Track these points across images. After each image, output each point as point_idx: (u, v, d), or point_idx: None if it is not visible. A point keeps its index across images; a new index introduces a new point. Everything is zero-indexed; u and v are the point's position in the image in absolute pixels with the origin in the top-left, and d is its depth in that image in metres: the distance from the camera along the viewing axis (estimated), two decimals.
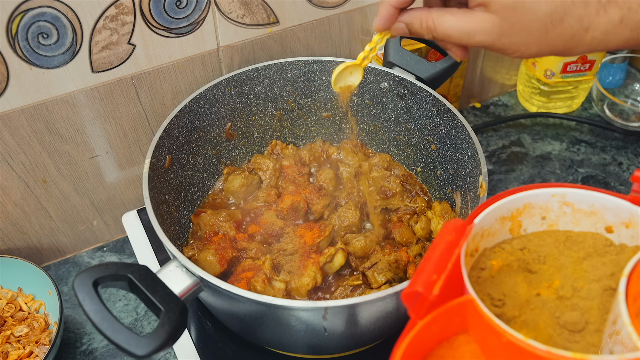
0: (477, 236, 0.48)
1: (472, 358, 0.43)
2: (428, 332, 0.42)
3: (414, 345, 0.42)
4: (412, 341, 0.41)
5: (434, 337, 0.44)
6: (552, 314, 0.44)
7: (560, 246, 0.49)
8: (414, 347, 0.42)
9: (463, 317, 0.43)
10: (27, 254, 0.83)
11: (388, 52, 0.78)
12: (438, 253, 0.43)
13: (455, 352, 0.43)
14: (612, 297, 0.43)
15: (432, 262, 0.42)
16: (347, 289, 0.69)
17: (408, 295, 0.42)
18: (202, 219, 0.75)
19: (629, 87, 1.11)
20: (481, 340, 0.43)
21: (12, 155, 0.72)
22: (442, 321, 0.42)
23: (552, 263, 0.47)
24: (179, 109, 0.72)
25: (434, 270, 0.42)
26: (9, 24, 0.62)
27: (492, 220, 0.48)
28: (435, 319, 0.42)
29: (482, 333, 0.42)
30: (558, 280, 0.46)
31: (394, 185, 0.77)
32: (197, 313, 0.75)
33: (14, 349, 0.72)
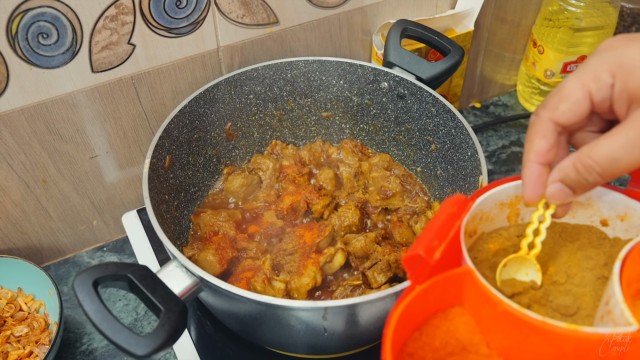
0: (477, 218, 0.48)
1: (466, 329, 0.43)
2: (425, 300, 0.43)
3: (410, 311, 0.42)
4: (408, 306, 0.42)
5: (430, 306, 0.44)
6: (546, 297, 0.44)
7: (556, 237, 0.49)
8: (410, 313, 0.42)
9: (459, 288, 0.43)
10: (27, 254, 0.83)
11: (388, 52, 0.78)
12: (439, 222, 0.44)
13: (450, 323, 0.44)
14: (604, 285, 0.44)
15: (433, 230, 0.43)
16: (347, 289, 0.69)
17: (409, 259, 0.43)
18: (202, 219, 0.75)
19: None
20: (476, 312, 0.43)
21: (12, 155, 0.72)
22: (439, 290, 0.43)
23: (548, 251, 0.47)
24: (179, 109, 0.72)
25: (435, 237, 0.42)
26: (9, 24, 0.62)
27: (491, 204, 0.49)
28: (432, 286, 0.42)
29: (477, 304, 0.42)
30: (552, 267, 0.46)
31: (394, 185, 0.77)
32: (197, 313, 0.75)
33: (14, 349, 0.72)
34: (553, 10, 0.95)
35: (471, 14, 0.93)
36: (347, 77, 0.82)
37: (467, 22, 0.94)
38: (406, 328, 0.43)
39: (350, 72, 0.81)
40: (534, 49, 1.02)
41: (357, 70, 0.80)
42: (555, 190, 0.42)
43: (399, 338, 0.43)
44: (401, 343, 0.44)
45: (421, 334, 0.44)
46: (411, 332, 0.44)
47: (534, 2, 1.00)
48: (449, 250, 0.43)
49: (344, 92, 0.83)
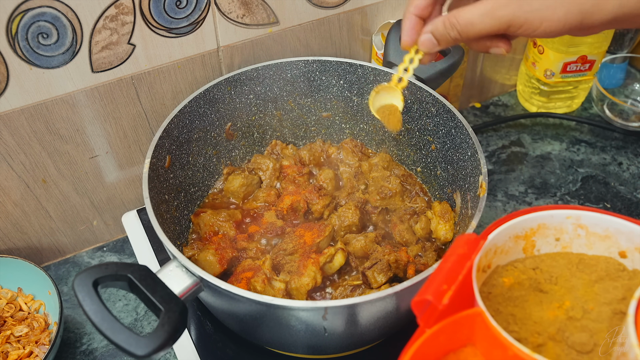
0: (490, 253, 0.48)
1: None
2: (436, 341, 0.43)
3: (421, 353, 0.42)
4: (419, 349, 0.42)
5: (441, 347, 0.44)
6: (561, 334, 0.44)
7: (573, 268, 0.49)
8: (420, 356, 0.42)
9: (471, 329, 0.43)
10: (27, 254, 0.83)
11: (388, 52, 0.78)
12: (449, 264, 0.44)
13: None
14: (621, 321, 0.43)
15: (443, 272, 0.43)
16: (347, 289, 0.69)
17: (418, 303, 0.43)
18: (202, 219, 0.75)
19: (629, 87, 1.11)
20: (488, 354, 0.43)
21: (12, 155, 0.72)
22: (450, 332, 0.43)
23: (564, 284, 0.47)
24: (179, 109, 0.72)
25: (444, 280, 0.42)
26: (9, 24, 0.62)
27: (505, 238, 0.49)
28: (443, 328, 0.42)
29: (489, 346, 0.42)
30: (569, 301, 0.46)
31: (394, 185, 0.77)
32: (197, 313, 0.75)
33: (14, 349, 0.72)
34: None
35: None
36: (347, 77, 0.82)
37: None
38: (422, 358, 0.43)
39: (350, 72, 0.81)
40: (534, 49, 1.02)
41: (357, 70, 0.80)
42: (426, 39, 0.53)
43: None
44: None
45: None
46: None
47: None
48: (460, 291, 0.43)
49: (344, 92, 0.83)
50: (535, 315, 0.45)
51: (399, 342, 0.71)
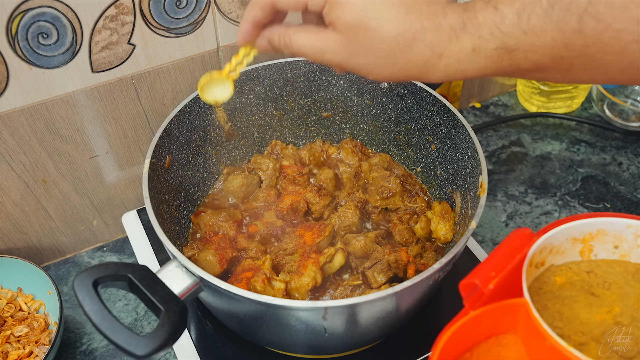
0: (545, 251, 0.50)
1: (516, 357, 0.45)
2: (478, 324, 0.45)
3: (462, 333, 0.45)
4: (460, 328, 0.44)
5: (484, 330, 0.47)
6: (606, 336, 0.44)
7: (629, 277, 0.49)
8: (462, 335, 0.45)
9: (515, 317, 0.45)
10: (27, 254, 0.83)
11: None
12: (500, 255, 0.46)
13: (502, 349, 0.46)
14: None
15: (493, 261, 0.46)
16: (347, 289, 0.69)
17: (465, 286, 0.46)
18: (202, 219, 0.75)
19: (629, 87, 1.11)
20: (528, 342, 0.45)
21: (12, 155, 0.72)
22: (494, 317, 0.45)
23: (617, 291, 0.48)
24: (179, 109, 0.72)
25: (493, 268, 0.45)
26: (9, 24, 0.62)
27: (563, 238, 0.50)
28: (487, 313, 0.44)
29: (529, 335, 0.44)
30: (619, 307, 0.47)
31: (394, 185, 0.77)
32: (197, 313, 0.75)
33: (14, 349, 0.72)
34: None
35: None
36: (347, 77, 0.82)
37: None
38: (457, 348, 0.45)
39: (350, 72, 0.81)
40: None
41: None
42: (262, 43, 0.54)
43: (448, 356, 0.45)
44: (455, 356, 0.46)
45: (472, 355, 0.46)
46: (462, 352, 0.46)
47: None
48: (509, 280, 0.45)
49: (344, 92, 0.83)
50: (583, 316, 0.46)
51: (399, 342, 0.71)
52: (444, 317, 0.74)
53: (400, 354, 0.70)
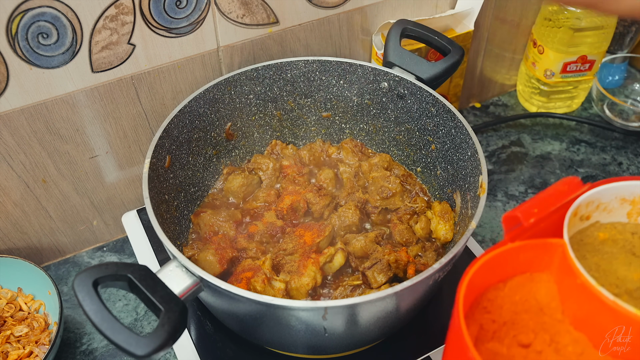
0: (592, 205, 0.51)
1: (547, 294, 0.47)
2: (515, 257, 0.48)
3: (499, 262, 0.47)
4: (498, 257, 0.47)
5: (519, 266, 0.49)
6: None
7: None
8: (498, 264, 0.47)
9: (551, 257, 0.47)
10: (27, 254, 0.83)
11: (388, 52, 0.78)
12: (546, 195, 0.48)
13: (534, 285, 0.48)
14: None
15: (537, 200, 0.48)
16: (347, 289, 0.69)
17: (507, 218, 0.48)
18: (202, 219, 0.75)
19: (629, 87, 1.11)
20: (560, 281, 0.47)
21: (12, 155, 0.72)
22: (531, 254, 0.48)
23: None
24: (179, 109, 0.72)
25: (536, 205, 0.47)
26: (9, 24, 0.62)
27: (612, 196, 0.51)
28: (525, 247, 0.47)
29: (563, 275, 0.46)
30: None
31: (394, 185, 0.77)
32: (197, 313, 0.75)
33: (14, 349, 0.72)
34: (553, 10, 0.95)
35: (471, 14, 0.93)
36: (347, 77, 0.82)
37: (467, 22, 0.93)
38: (492, 275, 0.48)
39: (350, 72, 0.81)
40: (534, 49, 1.02)
41: (357, 70, 0.80)
42: None
43: (482, 282, 0.48)
44: (483, 288, 0.48)
45: (505, 285, 0.48)
46: (496, 281, 0.49)
47: (534, 2, 1.00)
48: (552, 223, 0.48)
49: (344, 92, 0.83)
50: (620, 272, 0.46)
51: (399, 342, 0.71)
52: (444, 317, 0.75)
53: (400, 354, 0.70)
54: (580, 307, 0.45)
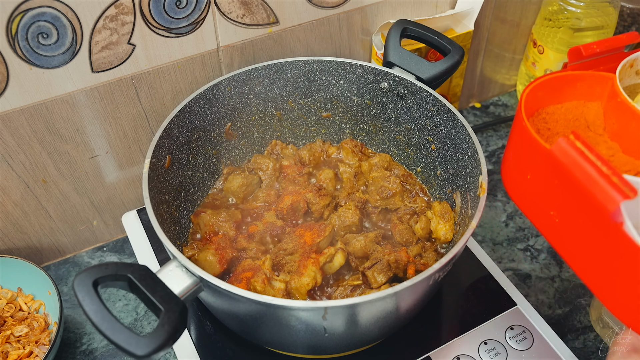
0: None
1: (595, 116, 0.61)
2: (574, 83, 0.61)
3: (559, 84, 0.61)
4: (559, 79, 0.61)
5: (576, 92, 0.62)
6: None
7: None
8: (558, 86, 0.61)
9: (603, 89, 0.60)
10: (27, 254, 0.83)
11: (388, 52, 0.78)
12: (608, 41, 0.62)
13: (586, 109, 0.62)
14: None
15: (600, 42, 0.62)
16: (347, 289, 0.69)
17: (572, 52, 0.62)
18: (202, 219, 0.75)
19: None
20: (606, 107, 0.60)
21: (12, 155, 0.72)
22: (587, 83, 0.61)
23: None
24: (179, 109, 0.72)
25: (597, 45, 0.61)
26: (9, 24, 0.62)
27: None
28: (583, 76, 0.61)
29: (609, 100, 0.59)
30: None
31: (394, 185, 0.77)
32: (197, 313, 0.75)
33: (13, 349, 0.72)
34: (553, 10, 0.95)
35: (471, 14, 0.93)
36: (347, 77, 0.82)
37: (467, 22, 0.94)
38: (552, 95, 0.61)
39: (350, 72, 0.81)
40: (534, 49, 1.02)
41: (357, 70, 0.80)
42: None
43: (544, 97, 0.61)
44: (545, 103, 0.62)
45: (562, 106, 0.60)
46: (555, 102, 0.62)
47: (534, 2, 1.00)
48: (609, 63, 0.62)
49: (344, 92, 0.83)
50: None
51: (399, 342, 0.71)
52: (444, 317, 0.75)
53: (400, 354, 0.70)
54: (617, 121, 0.58)
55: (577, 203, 0.50)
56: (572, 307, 0.80)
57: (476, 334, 0.72)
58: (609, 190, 0.45)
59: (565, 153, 0.48)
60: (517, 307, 0.74)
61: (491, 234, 0.90)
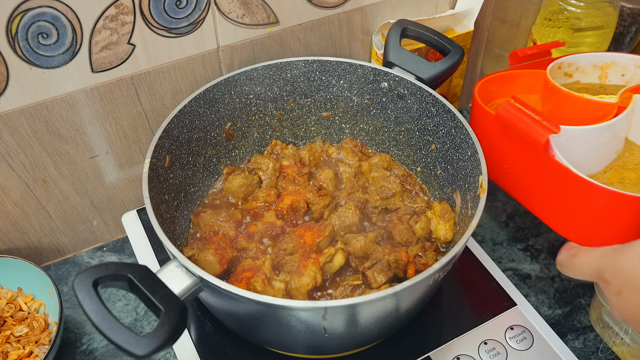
0: (573, 66, 0.82)
1: (535, 103, 0.79)
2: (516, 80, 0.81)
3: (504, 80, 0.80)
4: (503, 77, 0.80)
5: (519, 87, 0.81)
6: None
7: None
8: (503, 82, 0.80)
9: (539, 84, 0.78)
10: (27, 254, 0.83)
11: (388, 52, 0.78)
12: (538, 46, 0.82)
13: (526, 98, 0.80)
14: None
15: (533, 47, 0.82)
16: (347, 289, 0.69)
17: (512, 55, 0.81)
18: (202, 219, 0.75)
19: None
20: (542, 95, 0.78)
21: (12, 155, 0.72)
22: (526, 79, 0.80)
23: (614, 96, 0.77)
24: (179, 109, 0.72)
25: (530, 48, 0.81)
26: (9, 24, 0.62)
27: (586, 62, 0.82)
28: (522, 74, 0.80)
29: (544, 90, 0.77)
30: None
31: (394, 185, 0.77)
32: (197, 313, 0.75)
33: (13, 349, 0.72)
34: (553, 10, 0.95)
35: (471, 14, 0.93)
36: (347, 77, 0.82)
37: (467, 22, 0.93)
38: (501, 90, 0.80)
39: (350, 72, 0.81)
40: None
41: (357, 70, 0.80)
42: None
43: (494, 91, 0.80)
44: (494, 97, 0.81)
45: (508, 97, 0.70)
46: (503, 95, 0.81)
47: (534, 2, 1.00)
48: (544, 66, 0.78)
49: (344, 92, 0.83)
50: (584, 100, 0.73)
51: (399, 342, 0.71)
52: (444, 317, 0.75)
53: (400, 354, 0.70)
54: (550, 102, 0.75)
55: (521, 150, 0.69)
56: (572, 307, 0.80)
57: (476, 334, 0.72)
58: (540, 129, 0.64)
59: (507, 111, 0.67)
60: (517, 307, 0.74)
61: (491, 234, 0.90)
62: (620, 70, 0.82)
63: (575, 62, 0.80)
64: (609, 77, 0.82)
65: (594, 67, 0.81)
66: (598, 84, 0.83)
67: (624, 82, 0.81)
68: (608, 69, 0.82)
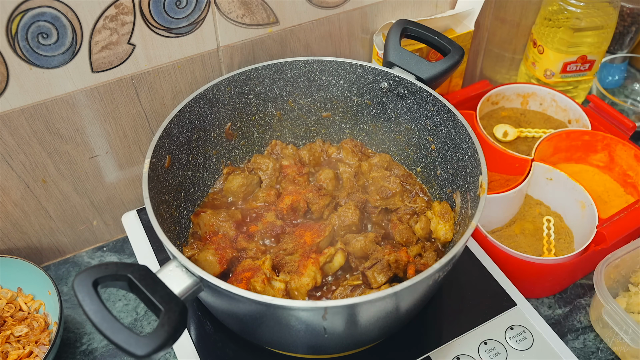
0: (499, 96, 0.99)
1: None
2: None
3: None
4: None
5: None
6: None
7: (542, 120, 1.00)
8: None
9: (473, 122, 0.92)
10: (27, 254, 0.83)
11: (388, 52, 0.78)
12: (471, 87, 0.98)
13: None
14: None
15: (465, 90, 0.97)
16: (347, 289, 0.69)
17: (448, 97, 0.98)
18: (202, 219, 0.75)
19: (629, 87, 1.11)
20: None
21: (12, 155, 0.72)
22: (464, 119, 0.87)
23: (534, 126, 0.98)
24: (179, 109, 0.72)
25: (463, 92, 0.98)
26: (9, 24, 0.62)
27: (511, 92, 0.99)
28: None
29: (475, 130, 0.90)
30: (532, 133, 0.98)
31: (394, 185, 0.77)
32: (197, 313, 0.75)
33: (13, 349, 0.72)
34: (553, 10, 0.95)
35: (471, 14, 0.93)
36: (347, 77, 0.82)
37: (467, 22, 0.93)
38: None
39: (350, 72, 0.81)
40: (534, 49, 1.02)
41: (357, 70, 0.80)
42: None
43: None
44: None
45: None
46: None
47: (534, 2, 1.00)
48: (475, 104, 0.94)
49: (344, 92, 0.83)
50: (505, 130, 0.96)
51: (399, 342, 0.71)
52: (444, 317, 0.75)
53: (400, 354, 0.70)
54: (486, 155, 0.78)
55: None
56: (572, 307, 0.80)
57: (476, 334, 0.72)
58: None
59: None
60: (517, 307, 0.74)
61: None
62: (539, 100, 0.98)
63: (501, 92, 0.98)
64: (529, 104, 1.00)
65: (517, 95, 0.99)
66: (520, 109, 1.00)
67: (542, 110, 0.99)
68: (529, 97, 0.99)
